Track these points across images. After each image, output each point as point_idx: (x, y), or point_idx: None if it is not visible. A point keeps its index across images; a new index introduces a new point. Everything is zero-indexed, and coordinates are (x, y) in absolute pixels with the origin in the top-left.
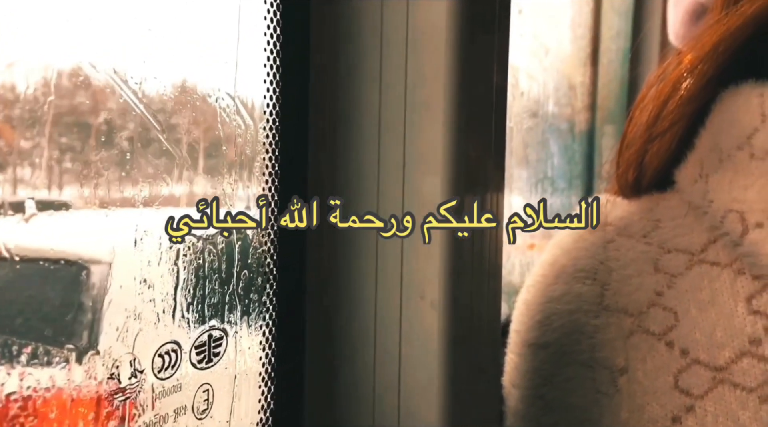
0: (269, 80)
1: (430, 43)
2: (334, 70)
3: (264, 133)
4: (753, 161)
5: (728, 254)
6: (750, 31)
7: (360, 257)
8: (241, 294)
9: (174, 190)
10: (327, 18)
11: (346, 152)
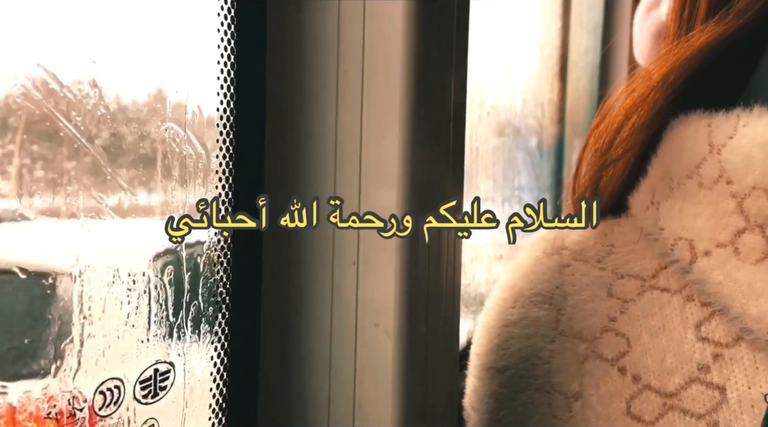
0: (222, 94)
1: (386, 60)
2: (290, 88)
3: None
4: (701, 190)
5: (678, 280)
6: (698, 62)
7: (316, 284)
8: (191, 325)
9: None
10: (282, 47)
11: (303, 162)
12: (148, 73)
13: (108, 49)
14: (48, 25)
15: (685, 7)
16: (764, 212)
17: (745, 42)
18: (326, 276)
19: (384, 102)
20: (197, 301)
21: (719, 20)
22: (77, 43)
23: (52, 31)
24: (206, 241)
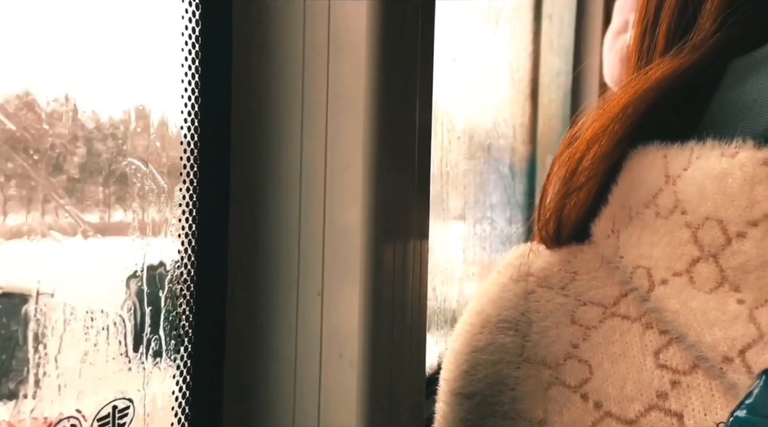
0: (187, 111)
1: (351, 89)
2: (255, 119)
3: (182, 162)
4: (658, 220)
5: (638, 308)
6: (655, 94)
7: (281, 315)
8: (152, 359)
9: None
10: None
11: (268, 192)
12: (109, 98)
13: (73, 71)
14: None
15: (644, 40)
16: (717, 242)
17: (700, 76)
18: (291, 307)
19: (348, 131)
20: (158, 335)
21: (675, 54)
22: (27, 65)
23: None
24: (168, 274)
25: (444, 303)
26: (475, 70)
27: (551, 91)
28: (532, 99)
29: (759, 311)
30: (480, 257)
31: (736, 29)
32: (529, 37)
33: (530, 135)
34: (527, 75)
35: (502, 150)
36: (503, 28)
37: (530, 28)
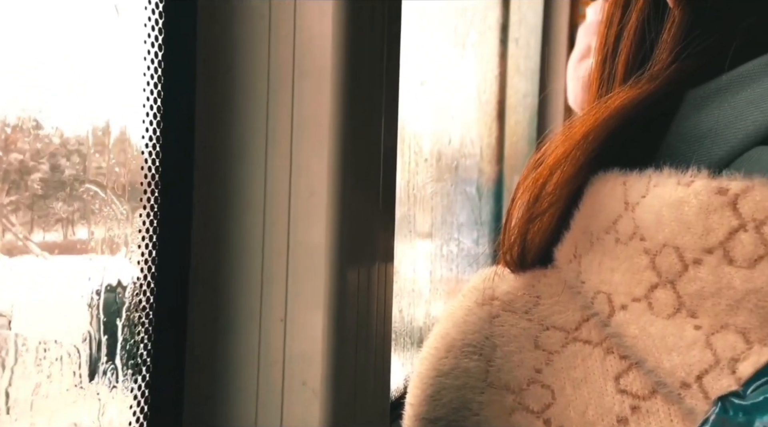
0: (149, 136)
1: (316, 112)
2: (219, 145)
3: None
4: (618, 245)
5: (599, 333)
6: (615, 122)
7: (243, 342)
8: (108, 389)
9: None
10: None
11: (231, 202)
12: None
13: (35, 89)
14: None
15: (604, 69)
16: (674, 269)
17: (658, 105)
18: (253, 333)
19: (313, 155)
20: (114, 363)
21: (634, 83)
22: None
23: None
24: (126, 301)
25: (411, 325)
26: (443, 93)
27: (518, 113)
28: (499, 120)
29: (715, 336)
30: (447, 278)
31: (692, 61)
32: (496, 60)
33: (497, 156)
34: (494, 97)
35: (469, 171)
36: (471, 51)
37: (497, 51)
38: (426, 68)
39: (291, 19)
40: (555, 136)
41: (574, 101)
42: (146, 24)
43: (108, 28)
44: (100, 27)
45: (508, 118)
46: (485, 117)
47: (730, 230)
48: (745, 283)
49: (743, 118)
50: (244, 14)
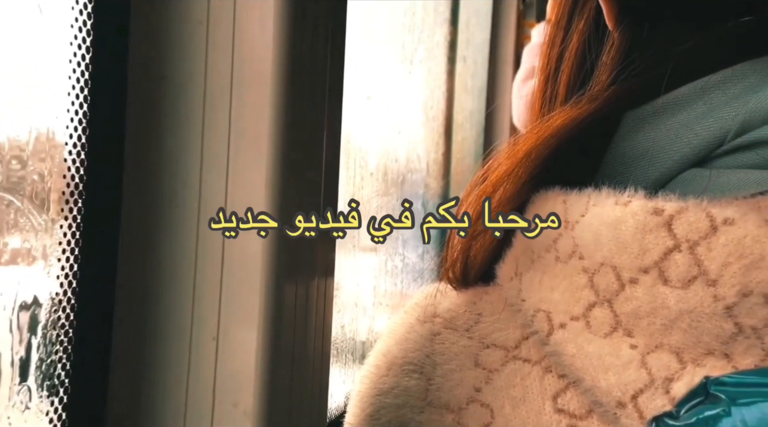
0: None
1: (254, 126)
2: (151, 145)
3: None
4: (558, 264)
5: (538, 351)
6: (556, 141)
7: (171, 361)
8: (19, 413)
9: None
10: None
11: (163, 214)
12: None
13: None
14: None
15: (547, 88)
16: (612, 288)
17: (598, 125)
18: (183, 353)
19: (251, 169)
20: (27, 385)
21: (575, 104)
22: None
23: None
24: (44, 319)
25: (353, 341)
26: (390, 108)
27: (465, 130)
28: (445, 136)
29: (650, 356)
30: (391, 293)
31: (630, 82)
32: (444, 77)
33: (444, 171)
34: (441, 113)
35: (415, 186)
36: (418, 68)
37: (445, 68)
38: (373, 83)
39: (230, 26)
40: (498, 153)
41: (518, 120)
42: (73, 25)
43: (29, 27)
44: (20, 26)
45: (455, 135)
46: (432, 133)
47: (665, 250)
48: (679, 303)
49: (678, 140)
50: (181, 19)
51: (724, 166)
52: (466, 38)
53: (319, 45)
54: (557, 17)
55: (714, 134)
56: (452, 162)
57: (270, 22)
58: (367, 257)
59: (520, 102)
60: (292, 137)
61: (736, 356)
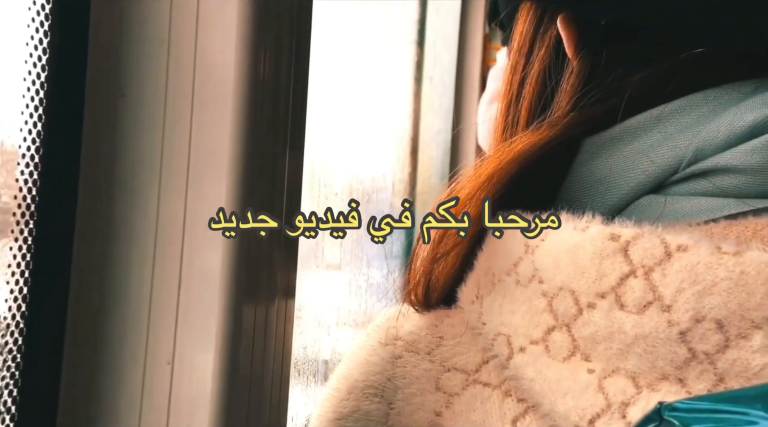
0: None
1: (215, 140)
2: (108, 161)
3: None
4: (518, 287)
5: (498, 375)
6: (518, 165)
7: (123, 386)
8: None
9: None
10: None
11: (119, 231)
12: None
13: None
14: None
15: (509, 113)
16: (570, 312)
17: (558, 150)
18: (136, 377)
19: (210, 185)
20: None
21: (535, 129)
22: None
23: None
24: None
25: (316, 362)
26: (356, 127)
27: (431, 149)
28: (412, 156)
29: (607, 380)
30: (356, 313)
31: (589, 109)
32: (410, 96)
33: (410, 191)
34: (408, 133)
35: (381, 205)
36: (385, 87)
37: (411, 88)
38: (339, 102)
39: (192, 45)
40: (462, 175)
41: (484, 142)
42: (28, 43)
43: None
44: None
45: (421, 154)
46: (398, 152)
47: (622, 276)
48: (634, 328)
49: (634, 167)
50: (142, 37)
51: (679, 194)
52: (432, 59)
53: (283, 65)
54: (519, 45)
55: (668, 162)
56: (418, 182)
57: (232, 42)
58: (330, 276)
59: (485, 124)
60: (253, 158)
61: (689, 381)
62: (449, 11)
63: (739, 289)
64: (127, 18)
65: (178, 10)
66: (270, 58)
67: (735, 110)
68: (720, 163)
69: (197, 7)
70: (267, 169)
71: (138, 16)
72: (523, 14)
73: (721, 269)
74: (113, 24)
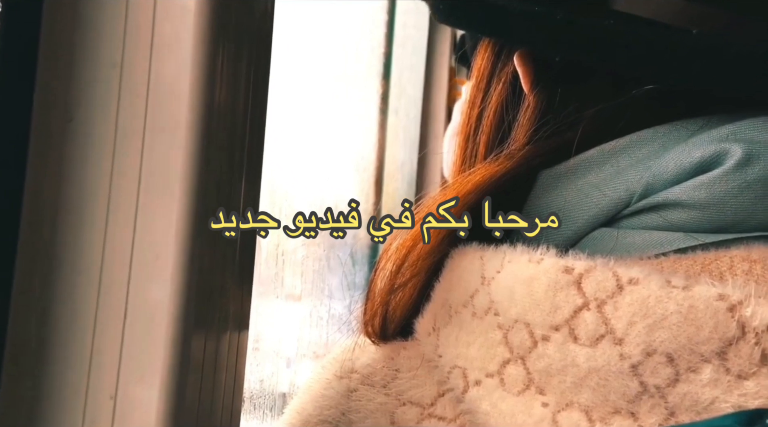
0: None
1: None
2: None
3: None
4: (474, 320)
5: (453, 408)
6: (476, 196)
7: (62, 422)
8: None
9: None
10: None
11: (62, 255)
12: None
13: None
14: None
15: (468, 145)
16: (525, 345)
17: (515, 182)
18: (76, 414)
19: (161, 212)
20: None
21: (493, 160)
22: None
23: None
24: None
25: (273, 395)
26: (320, 156)
27: (396, 181)
28: (376, 187)
29: (561, 414)
30: (316, 344)
31: (544, 142)
32: (376, 128)
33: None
34: (372, 164)
35: (345, 235)
36: (350, 118)
37: (377, 119)
38: (302, 132)
39: (146, 71)
40: (421, 204)
41: (448, 173)
42: None
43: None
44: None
45: (386, 185)
46: (363, 183)
47: (575, 308)
48: (587, 361)
49: (588, 200)
50: (93, 60)
51: (631, 227)
52: (398, 92)
53: (240, 92)
54: (478, 80)
55: (620, 196)
56: (383, 212)
57: (188, 68)
58: (290, 307)
59: (450, 156)
60: (206, 187)
61: (641, 415)
62: (415, 45)
63: (688, 323)
64: (80, 40)
65: (132, 33)
66: (227, 84)
67: (683, 147)
68: (669, 197)
69: (152, 31)
70: (221, 199)
71: (91, 39)
72: (482, 50)
73: (671, 303)
74: (63, 47)
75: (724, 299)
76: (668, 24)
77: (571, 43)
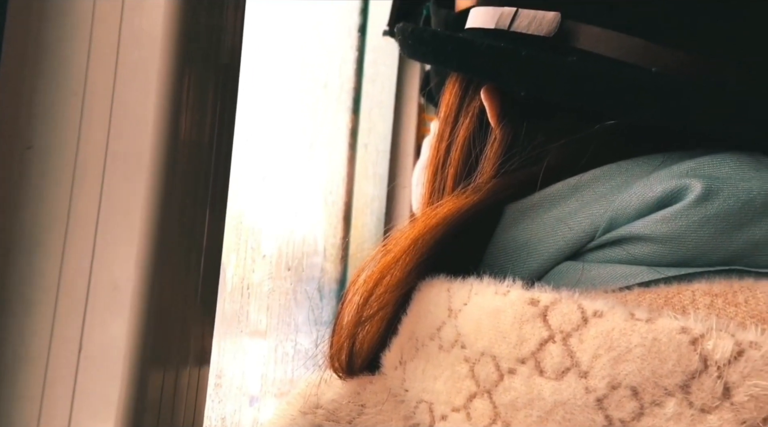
0: None
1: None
2: (9, 219)
3: None
4: (441, 353)
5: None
6: (443, 229)
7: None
8: None
9: None
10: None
11: (18, 285)
12: None
13: None
14: None
15: (436, 178)
16: (491, 378)
17: (481, 215)
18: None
19: (120, 244)
20: None
21: (460, 193)
22: None
23: None
24: None
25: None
26: (287, 190)
27: (365, 216)
28: (345, 221)
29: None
30: (281, 381)
31: (510, 176)
32: (345, 162)
33: (342, 256)
34: (341, 198)
35: (311, 270)
36: (319, 152)
37: (346, 154)
38: (269, 164)
39: (108, 99)
40: (390, 238)
41: (417, 207)
42: None
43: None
44: None
45: (354, 220)
46: (331, 217)
47: (541, 341)
48: (553, 394)
49: (554, 234)
50: (54, 88)
51: (595, 260)
52: (368, 127)
53: (206, 124)
54: (446, 114)
55: (585, 229)
56: (351, 247)
57: (152, 97)
58: (255, 343)
59: (418, 189)
60: (168, 220)
61: None
62: (385, 81)
63: (652, 355)
64: (41, 68)
65: (96, 61)
66: (192, 115)
67: (645, 181)
68: (632, 231)
69: (116, 60)
70: (183, 232)
71: (53, 67)
72: (450, 85)
73: (635, 336)
74: (23, 74)
75: (687, 332)
76: (629, 62)
77: (536, 79)
